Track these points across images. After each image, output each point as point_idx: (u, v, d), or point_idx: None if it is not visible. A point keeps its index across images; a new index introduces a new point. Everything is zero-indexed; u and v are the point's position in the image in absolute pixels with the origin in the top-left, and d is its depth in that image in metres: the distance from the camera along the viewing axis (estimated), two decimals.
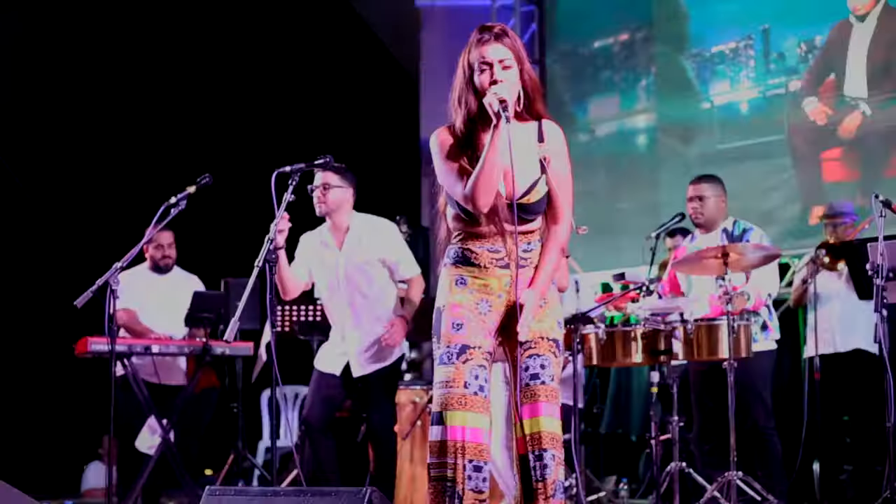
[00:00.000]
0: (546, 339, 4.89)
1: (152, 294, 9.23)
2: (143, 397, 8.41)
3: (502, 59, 4.81)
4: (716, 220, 7.94)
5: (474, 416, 4.79)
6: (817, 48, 10.78)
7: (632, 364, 7.67)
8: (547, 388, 4.85)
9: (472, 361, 4.83)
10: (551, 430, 4.84)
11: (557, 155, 4.94)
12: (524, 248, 4.90)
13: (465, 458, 4.77)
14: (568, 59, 12.69)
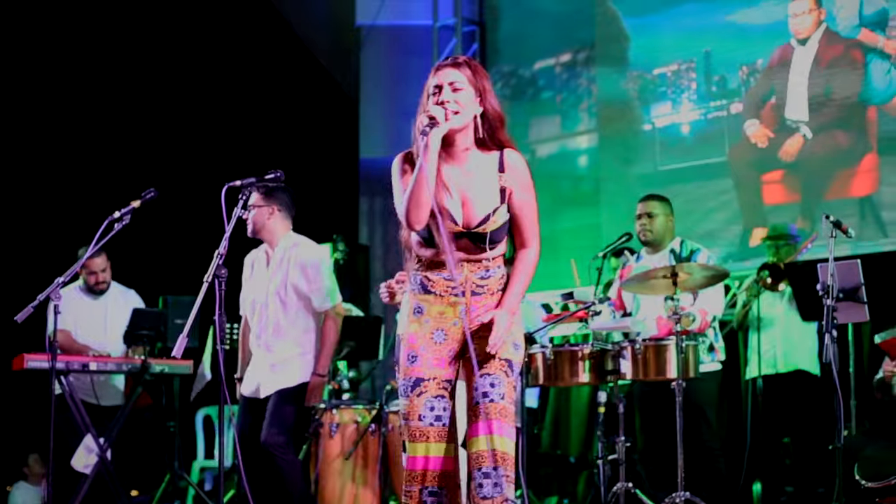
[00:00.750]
0: (498, 359, 4.91)
1: (87, 316, 9.08)
2: (80, 416, 8.25)
3: (453, 82, 4.87)
4: (663, 238, 7.92)
5: (432, 446, 4.93)
6: (759, 71, 10.85)
7: (579, 384, 7.63)
8: (496, 406, 4.85)
9: (427, 394, 4.94)
10: (501, 449, 4.83)
11: (520, 185, 4.98)
12: (481, 276, 4.95)
13: (416, 485, 4.92)
14: (509, 80, 12.68)
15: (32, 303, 6.39)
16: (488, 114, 4.93)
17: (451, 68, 4.91)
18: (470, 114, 4.88)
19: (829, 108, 10.40)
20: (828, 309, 6.49)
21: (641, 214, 7.96)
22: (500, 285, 4.98)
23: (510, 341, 4.94)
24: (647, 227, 7.92)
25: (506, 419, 4.86)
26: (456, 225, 4.89)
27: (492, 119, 4.94)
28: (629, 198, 10.80)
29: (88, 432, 8.28)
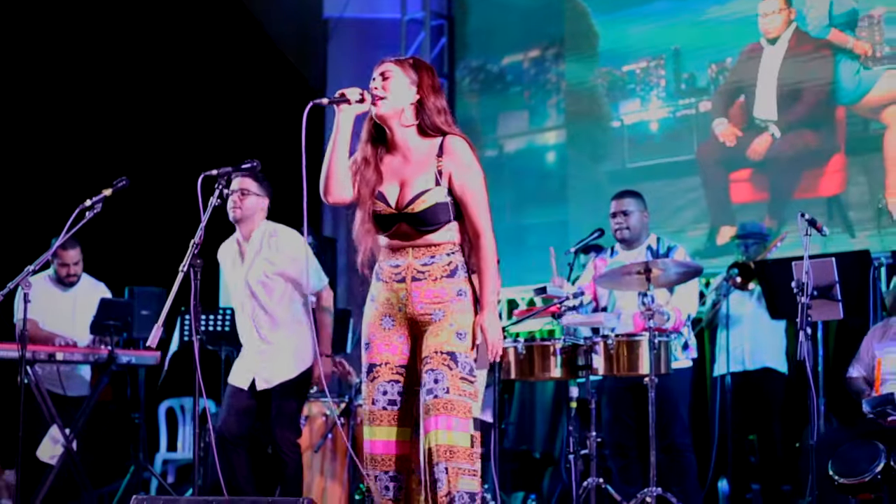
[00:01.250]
0: (440, 353, 4.94)
1: (56, 306, 9.00)
2: (46, 406, 8.18)
3: (384, 72, 5.05)
4: (639, 235, 7.88)
5: (382, 429, 5.05)
6: (728, 70, 10.87)
7: (550, 378, 7.60)
8: (440, 401, 4.88)
9: (379, 379, 5.07)
10: (445, 443, 4.85)
11: (462, 168, 5.03)
12: (423, 262, 5.03)
13: (377, 470, 5.04)
14: (477, 75, 12.63)
15: (2, 290, 6.32)
16: (426, 104, 5.03)
17: (387, 62, 5.09)
18: (399, 101, 5.01)
19: (797, 107, 10.42)
20: (802, 306, 6.50)
21: (616, 212, 7.91)
22: (446, 272, 5.01)
23: (453, 331, 4.96)
24: (624, 225, 7.87)
25: (452, 412, 4.87)
26: (389, 207, 5.01)
27: (430, 109, 5.03)
28: (597, 195, 10.85)
29: (54, 423, 8.22)
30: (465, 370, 4.93)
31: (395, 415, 5.05)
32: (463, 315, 5.00)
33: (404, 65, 5.08)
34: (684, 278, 7.36)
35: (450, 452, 4.84)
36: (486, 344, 4.98)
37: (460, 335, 4.97)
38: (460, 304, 5.00)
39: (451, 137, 5.06)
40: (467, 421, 4.90)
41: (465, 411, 4.89)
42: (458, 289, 5.01)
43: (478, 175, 5.05)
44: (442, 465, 4.82)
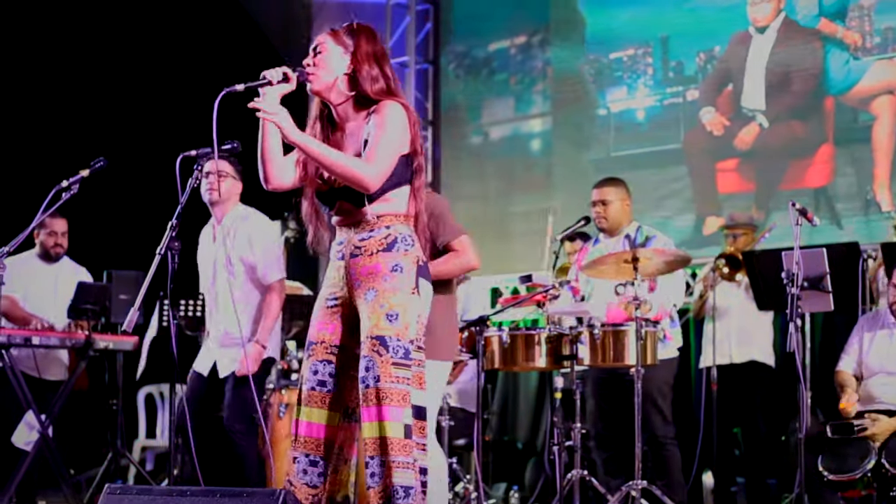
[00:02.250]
0: (369, 339, 4.73)
1: (38, 282, 8.89)
2: (22, 391, 8.05)
3: (316, 45, 4.93)
4: (620, 224, 7.77)
5: (313, 411, 4.85)
6: (716, 58, 10.81)
7: (535, 368, 7.50)
8: (370, 390, 4.68)
9: (313, 357, 4.88)
10: (374, 435, 4.68)
11: (377, 123, 4.79)
12: (361, 237, 4.82)
13: (297, 451, 4.83)
14: (463, 60, 12.54)
15: None
16: (360, 72, 4.82)
17: (323, 34, 4.95)
18: (331, 74, 4.84)
19: (786, 97, 10.35)
20: (792, 297, 6.39)
21: (596, 201, 7.80)
22: (382, 245, 4.79)
23: (383, 313, 4.73)
24: (602, 215, 7.77)
25: (384, 401, 4.67)
26: (325, 184, 4.86)
27: (363, 77, 4.82)
28: (582, 182, 10.76)
29: (30, 408, 8.08)
30: (397, 354, 4.70)
31: (323, 396, 4.85)
32: (395, 294, 4.74)
33: (338, 34, 4.90)
34: (671, 268, 7.24)
35: (382, 445, 4.66)
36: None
37: (391, 317, 4.72)
38: (393, 281, 4.76)
39: (383, 103, 4.81)
40: (401, 409, 4.68)
41: (398, 399, 4.68)
42: (394, 264, 4.78)
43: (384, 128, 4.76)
44: (376, 459, 4.67)
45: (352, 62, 4.83)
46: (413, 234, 4.87)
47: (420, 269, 4.84)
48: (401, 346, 4.72)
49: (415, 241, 4.86)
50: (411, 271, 4.80)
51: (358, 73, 4.81)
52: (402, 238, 4.82)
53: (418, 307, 4.80)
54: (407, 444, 4.69)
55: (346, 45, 4.86)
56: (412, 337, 4.76)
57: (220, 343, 7.23)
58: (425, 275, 4.87)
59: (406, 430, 4.69)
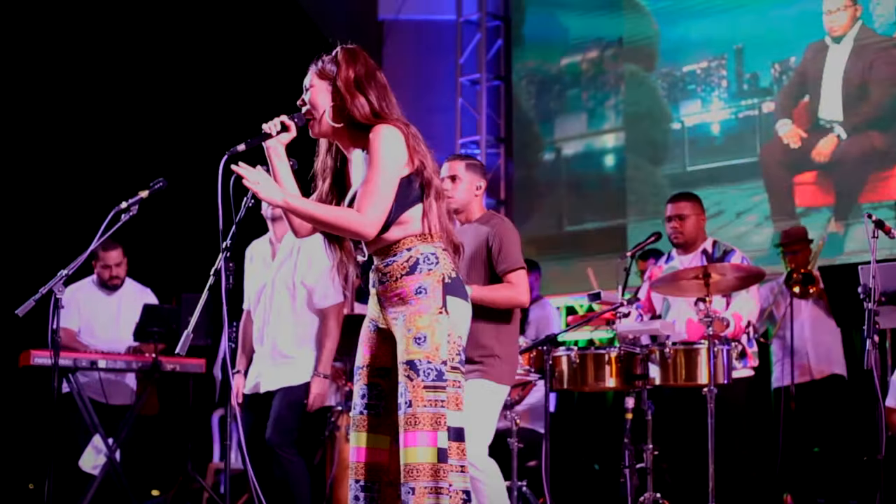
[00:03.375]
0: (401, 364, 4.61)
1: (99, 310, 8.87)
2: (88, 415, 8.00)
3: (305, 85, 4.80)
4: (696, 239, 7.60)
5: (361, 435, 4.77)
6: (792, 69, 10.61)
7: (605, 389, 7.31)
8: (403, 416, 4.57)
9: (360, 381, 4.80)
10: (408, 462, 4.54)
11: (369, 157, 4.64)
12: (386, 263, 4.71)
13: (351, 478, 4.76)
14: (534, 76, 12.43)
15: (34, 296, 6.11)
16: (345, 102, 4.67)
17: (309, 71, 4.79)
18: (322, 110, 4.73)
19: (864, 107, 10.14)
20: (869, 313, 6.16)
21: (672, 216, 7.65)
22: (405, 269, 4.66)
23: (411, 337, 4.60)
24: (679, 230, 7.61)
25: (416, 426, 4.53)
26: None
27: (349, 107, 4.66)
28: (657, 198, 10.65)
29: (97, 432, 8.03)
30: (428, 378, 4.55)
31: (371, 421, 4.75)
32: (421, 317, 4.60)
33: (323, 67, 4.74)
34: (745, 283, 7.05)
35: (414, 471, 4.54)
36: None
37: (419, 340, 4.58)
38: (418, 304, 4.62)
39: (373, 130, 4.62)
40: (434, 434, 4.54)
41: (430, 423, 4.54)
42: (418, 286, 4.64)
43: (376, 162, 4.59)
44: (408, 486, 4.53)
45: (333, 93, 4.71)
46: (439, 251, 4.73)
47: (447, 286, 4.69)
48: (432, 369, 4.58)
49: (440, 258, 4.71)
50: (436, 291, 4.66)
51: (343, 103, 4.68)
52: (425, 258, 4.69)
53: (447, 326, 4.65)
54: (440, 468, 4.55)
55: (329, 76, 4.72)
56: (444, 358, 4.61)
57: (267, 358, 7.15)
58: (455, 291, 4.72)
59: (440, 454, 4.55)
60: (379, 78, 4.75)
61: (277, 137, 4.74)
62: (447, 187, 6.32)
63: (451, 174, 6.40)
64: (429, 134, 4.80)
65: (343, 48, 4.79)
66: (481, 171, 6.49)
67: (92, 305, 8.80)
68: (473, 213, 6.41)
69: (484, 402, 6.03)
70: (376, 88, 4.71)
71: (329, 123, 4.74)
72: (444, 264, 4.70)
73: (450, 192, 6.32)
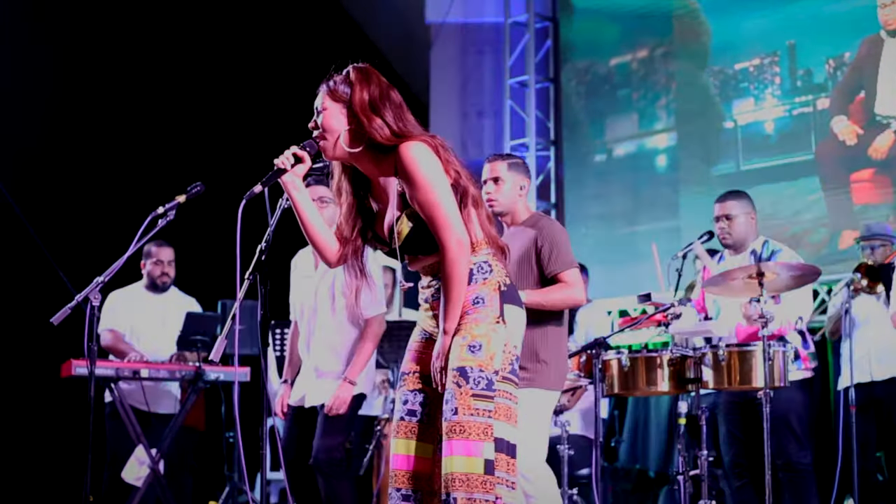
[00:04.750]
0: (451, 371, 4.48)
1: (146, 314, 8.78)
2: (131, 425, 7.89)
3: (317, 106, 4.69)
4: (745, 239, 7.39)
5: (399, 442, 4.67)
6: (846, 64, 10.40)
7: (657, 393, 7.13)
8: (448, 424, 4.44)
9: (404, 387, 4.72)
10: (453, 471, 4.40)
11: (408, 183, 4.53)
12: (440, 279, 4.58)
13: (392, 487, 4.66)
14: (584, 77, 12.27)
15: (70, 304, 5.99)
16: (363, 124, 4.55)
17: (320, 90, 4.70)
18: (336, 134, 4.61)
19: None
20: None
21: (720, 216, 7.44)
22: None
23: (465, 345, 4.47)
24: (727, 230, 7.39)
25: (462, 435, 4.40)
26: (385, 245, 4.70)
27: (368, 128, 4.54)
28: (710, 199, 10.31)
29: (140, 443, 7.92)
30: (478, 386, 4.44)
31: (413, 427, 4.64)
32: (478, 325, 4.50)
33: (335, 89, 4.63)
34: (799, 282, 6.82)
35: (460, 481, 4.39)
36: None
37: (473, 348, 4.47)
38: (476, 313, 4.52)
39: (399, 150, 4.51)
40: (481, 444, 4.41)
41: (478, 433, 4.42)
42: (475, 296, 4.53)
43: (424, 183, 4.49)
44: (452, 496, 4.39)
45: (349, 117, 4.59)
46: (490, 258, 4.62)
47: (504, 294, 4.59)
48: (483, 377, 4.46)
49: (493, 266, 4.60)
50: (494, 300, 4.56)
51: (360, 127, 4.56)
52: (479, 267, 4.58)
53: (504, 336, 4.54)
54: (487, 480, 4.40)
55: (342, 98, 4.61)
56: (497, 367, 4.50)
57: (312, 372, 7.01)
58: (511, 299, 4.61)
59: (487, 465, 4.41)
60: (394, 97, 4.64)
61: (293, 171, 4.64)
62: (490, 190, 6.16)
63: (494, 176, 6.23)
64: (478, 137, 4.70)
65: (355, 68, 4.68)
66: (524, 170, 6.31)
67: (139, 308, 8.73)
68: (519, 215, 6.25)
69: (535, 411, 5.87)
70: (392, 108, 4.60)
71: (345, 148, 4.60)
72: (498, 271, 4.61)
73: (493, 194, 6.17)
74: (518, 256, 6.02)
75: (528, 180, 6.30)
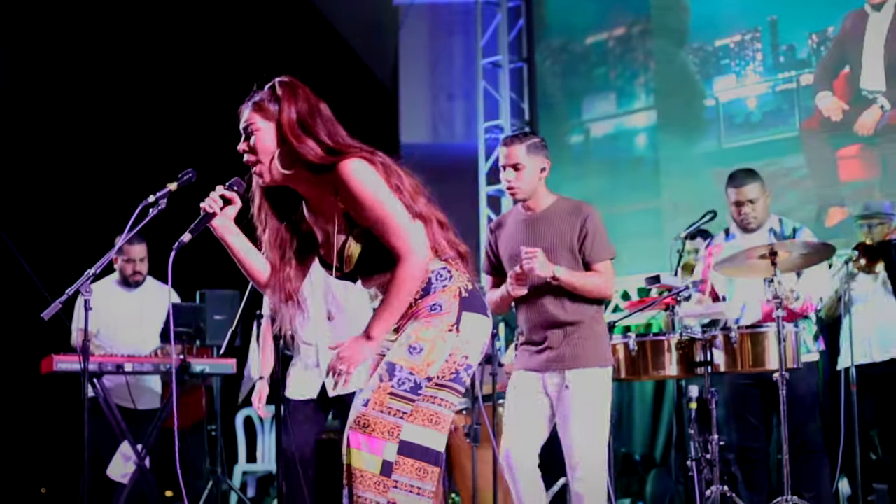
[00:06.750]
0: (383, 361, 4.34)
1: (120, 309, 8.57)
2: (116, 421, 7.65)
3: (245, 126, 4.43)
4: (765, 220, 7.24)
5: None
6: (830, 39, 10.25)
7: (665, 377, 6.97)
8: (356, 414, 4.28)
9: None
10: (350, 464, 4.25)
11: (350, 202, 4.31)
12: None
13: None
14: (559, 56, 12.07)
15: (60, 298, 5.75)
16: (292, 144, 4.31)
17: (245, 109, 4.44)
18: (271, 155, 4.36)
19: None
20: None
21: (741, 201, 7.22)
22: (419, 293, 4.36)
23: (406, 344, 4.29)
24: (752, 214, 7.20)
25: (366, 429, 4.22)
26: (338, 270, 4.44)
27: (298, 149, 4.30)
28: (693, 177, 10.36)
29: (125, 439, 7.68)
30: (400, 386, 4.26)
31: None
32: (427, 329, 4.32)
33: (264, 106, 4.39)
34: (814, 260, 6.68)
35: (355, 477, 4.23)
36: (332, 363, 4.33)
37: (413, 349, 4.29)
38: (430, 318, 4.35)
39: (336, 169, 4.26)
40: (383, 443, 4.24)
41: (383, 431, 4.24)
42: (433, 303, 4.35)
43: (367, 200, 4.26)
44: (347, 490, 4.25)
45: (278, 137, 4.35)
46: (447, 263, 4.43)
47: (465, 301, 4.39)
48: (409, 380, 4.28)
49: (452, 272, 4.41)
50: (452, 307, 4.36)
51: (291, 148, 4.32)
52: (437, 275, 4.39)
53: (452, 346, 4.34)
54: (381, 481, 4.24)
55: (273, 116, 4.37)
56: (432, 375, 4.30)
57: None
58: (473, 307, 4.41)
59: (384, 466, 4.24)
60: (323, 110, 4.40)
61: (223, 214, 4.44)
62: (510, 178, 5.92)
63: (513, 162, 5.96)
64: (449, 120, 4.50)
65: (280, 83, 4.42)
66: (543, 150, 6.10)
67: (112, 304, 8.47)
68: (541, 198, 6.02)
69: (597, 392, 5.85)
70: (323, 124, 4.36)
71: (280, 171, 4.36)
72: (458, 277, 4.41)
73: (513, 182, 5.94)
74: (552, 243, 5.88)
75: (548, 161, 6.08)
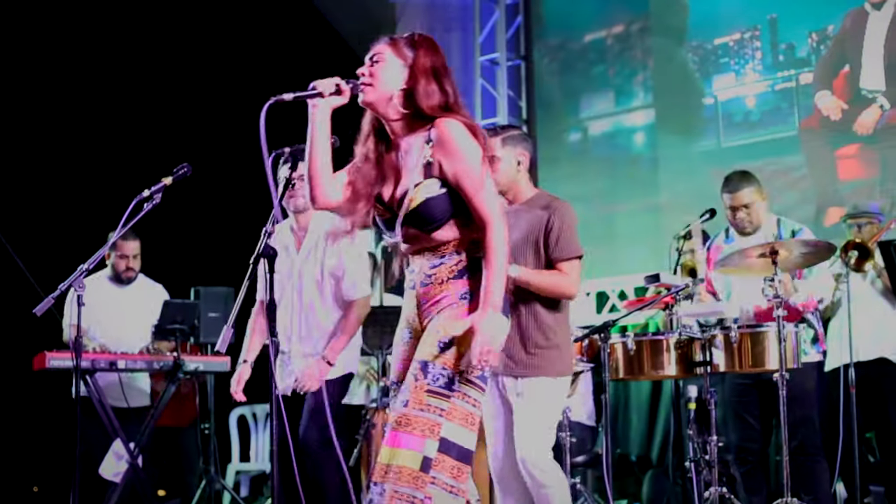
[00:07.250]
0: (415, 361, 4.37)
1: (111, 306, 8.49)
2: (108, 419, 7.59)
3: (374, 55, 4.53)
4: (762, 223, 7.18)
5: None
6: (829, 38, 10.23)
7: (664, 377, 6.92)
8: (396, 414, 4.34)
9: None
10: (389, 462, 4.28)
11: (449, 154, 4.42)
12: (433, 265, 4.46)
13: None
14: (557, 54, 12.03)
15: (53, 293, 5.71)
16: (416, 88, 4.44)
17: (381, 42, 4.55)
18: (388, 87, 4.47)
19: None
20: None
21: (737, 206, 7.16)
22: (453, 272, 4.41)
23: (437, 339, 4.34)
24: (747, 219, 7.14)
25: (406, 428, 4.26)
26: (386, 210, 4.53)
27: (419, 93, 4.44)
28: (691, 177, 10.30)
29: (117, 437, 7.62)
30: (435, 383, 4.30)
31: None
32: (457, 322, 4.36)
33: (398, 45, 4.50)
34: (813, 260, 6.64)
35: (393, 473, 4.25)
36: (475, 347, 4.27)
37: (442, 344, 4.33)
38: (459, 308, 4.39)
39: (440, 121, 4.43)
40: (423, 440, 4.27)
41: (423, 428, 4.27)
42: (463, 291, 4.40)
43: (469, 159, 4.40)
44: (379, 486, 4.25)
45: (409, 77, 4.47)
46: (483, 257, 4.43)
47: None
48: (443, 375, 4.31)
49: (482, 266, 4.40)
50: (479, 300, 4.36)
51: (415, 88, 4.45)
52: (474, 263, 4.42)
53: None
54: (420, 476, 4.24)
55: (405, 57, 4.49)
56: (463, 367, 4.32)
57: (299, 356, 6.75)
58: None
59: (424, 462, 4.25)
60: (451, 73, 4.53)
61: (328, 99, 4.44)
62: None
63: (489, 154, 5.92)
64: None
65: (420, 35, 4.58)
66: (522, 142, 5.97)
67: (103, 300, 8.38)
68: (522, 192, 5.94)
69: (544, 400, 5.63)
70: (450, 82, 4.50)
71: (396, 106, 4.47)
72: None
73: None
74: (522, 236, 5.74)
75: (526, 153, 5.96)
